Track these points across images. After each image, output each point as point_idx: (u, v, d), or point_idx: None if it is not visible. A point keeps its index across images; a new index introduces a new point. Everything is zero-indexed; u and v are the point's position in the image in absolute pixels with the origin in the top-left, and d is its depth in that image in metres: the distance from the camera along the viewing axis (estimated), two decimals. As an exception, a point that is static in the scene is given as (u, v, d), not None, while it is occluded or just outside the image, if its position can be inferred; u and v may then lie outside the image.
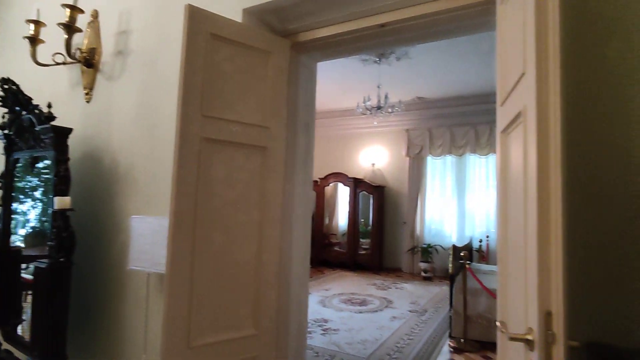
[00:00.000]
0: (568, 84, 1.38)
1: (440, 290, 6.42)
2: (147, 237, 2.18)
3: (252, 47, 2.05)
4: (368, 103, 5.91)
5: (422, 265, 7.49)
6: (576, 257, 1.33)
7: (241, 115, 2.01)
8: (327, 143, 9.06)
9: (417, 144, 8.04)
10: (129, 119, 2.54)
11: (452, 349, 3.89)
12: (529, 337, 1.08)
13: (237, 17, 2.11)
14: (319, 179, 8.53)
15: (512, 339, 1.11)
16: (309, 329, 4.27)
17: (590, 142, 1.36)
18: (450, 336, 4.11)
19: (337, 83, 6.82)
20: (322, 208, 8.62)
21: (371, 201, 8.23)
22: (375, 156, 8.60)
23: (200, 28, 1.86)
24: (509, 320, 1.37)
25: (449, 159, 7.90)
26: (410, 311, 5.17)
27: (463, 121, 7.56)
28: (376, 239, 8.14)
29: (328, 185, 8.61)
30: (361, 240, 8.42)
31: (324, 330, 4.30)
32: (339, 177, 8.40)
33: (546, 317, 1.05)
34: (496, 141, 1.64)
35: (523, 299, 1.19)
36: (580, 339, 1.29)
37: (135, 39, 2.58)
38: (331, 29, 2.13)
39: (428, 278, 7.36)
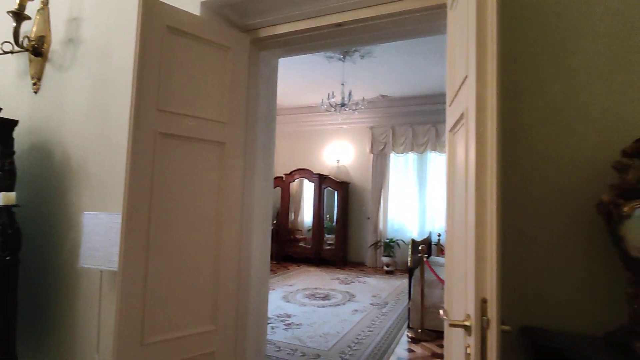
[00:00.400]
0: (507, 89, 1.49)
1: (401, 283, 6.63)
2: (99, 234, 2.11)
3: (211, 41, 2.03)
4: (332, 100, 5.97)
5: (385, 259, 7.68)
6: (511, 249, 1.44)
7: (199, 111, 1.99)
8: (292, 139, 9.06)
9: (381, 141, 8.21)
10: (81, 111, 2.44)
11: (410, 339, 4.04)
12: (467, 323, 1.16)
13: (195, 11, 2.08)
14: (284, 175, 8.53)
15: (452, 325, 1.19)
16: (271, 325, 4.29)
17: (523, 143, 1.47)
18: (409, 327, 4.26)
19: (302, 79, 6.84)
20: (287, 204, 8.62)
21: (336, 197, 8.33)
22: (340, 152, 8.70)
23: (156, 20, 1.82)
24: (453, 309, 1.46)
25: (411, 156, 8.13)
26: (371, 304, 5.31)
27: (424, 119, 7.80)
28: (341, 235, 8.25)
29: (293, 181, 8.61)
30: (326, 235, 8.51)
31: (286, 325, 4.33)
32: (305, 173, 8.43)
33: (482, 303, 1.13)
34: (446, 140, 1.72)
35: (464, 288, 1.27)
36: (514, 324, 1.41)
37: (87, 28, 2.48)
38: (290, 25, 2.15)
39: (390, 272, 7.56)
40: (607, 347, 1.17)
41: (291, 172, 8.53)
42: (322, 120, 8.59)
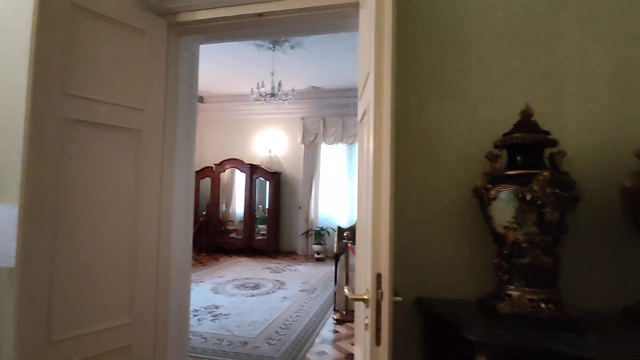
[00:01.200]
0: (402, 91, 1.64)
1: (330, 269, 6.88)
2: (-5, 228, 1.93)
3: (124, 23, 1.94)
4: (262, 89, 5.94)
5: (316, 247, 7.90)
6: (410, 231, 1.61)
7: (114, 97, 1.90)
8: (223, 128, 8.85)
9: (312, 132, 8.36)
10: (-30, 92, 2.17)
11: (335, 321, 4.25)
12: (365, 296, 1.29)
13: (105, -11, 1.96)
14: (215, 165, 8.32)
15: (353, 299, 1.31)
16: (198, 317, 4.24)
17: (423, 143, 1.65)
18: (335, 309, 4.47)
19: (231, 67, 6.70)
20: (217, 195, 8.44)
21: (268, 187, 8.34)
22: (271, 142, 8.69)
23: (57, -4, 1.69)
24: (360, 286, 1.60)
25: (341, 147, 8.39)
26: (300, 291, 5.46)
27: (354, 111, 8.08)
28: (273, 224, 8.30)
29: (224, 171, 8.44)
30: (258, 225, 8.50)
31: (214, 316, 4.31)
32: (235, 163, 8.30)
33: (377, 278, 1.26)
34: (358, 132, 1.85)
35: (365, 266, 1.40)
36: (411, 296, 1.58)
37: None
38: (210, 12, 2.13)
39: (321, 259, 7.80)
40: (478, 310, 1.38)
41: (221, 162, 8.34)
42: (253, 109, 8.49)
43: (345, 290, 1.46)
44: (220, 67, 6.66)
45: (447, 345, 1.36)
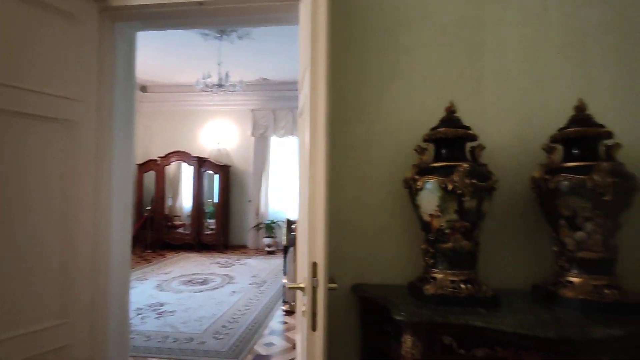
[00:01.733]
0: (340, 87, 1.70)
1: (281, 262, 6.91)
2: None
3: (49, 5, 1.81)
4: (209, 80, 5.78)
5: (266, 240, 7.88)
6: (348, 222, 1.68)
7: (40, 85, 1.77)
8: (168, 119, 8.49)
9: (262, 125, 8.28)
10: None
11: (284, 312, 4.29)
12: (302, 285, 1.33)
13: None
14: (159, 157, 7.98)
15: (290, 288, 1.36)
16: (142, 315, 4.09)
17: (362, 135, 1.72)
18: (284, 301, 4.51)
19: (176, 56, 6.43)
20: (163, 189, 8.11)
21: (216, 180, 8.16)
22: (220, 135, 8.49)
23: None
24: (300, 276, 1.65)
25: (292, 140, 8.40)
26: (250, 284, 5.44)
27: (304, 105, 8.11)
28: (222, 218, 8.15)
29: (169, 164, 8.12)
30: (207, 220, 8.30)
31: (158, 314, 4.17)
32: (182, 155, 8.02)
33: (313, 267, 1.31)
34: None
35: (304, 256, 1.45)
36: (349, 283, 1.65)
37: None
38: (147, -1, 2.04)
39: (272, 252, 7.80)
40: (408, 293, 1.48)
41: (167, 155, 8.02)
42: (200, 100, 8.23)
43: (284, 280, 1.50)
44: (165, 56, 6.38)
45: (380, 327, 1.45)
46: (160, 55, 6.30)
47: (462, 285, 1.34)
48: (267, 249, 7.85)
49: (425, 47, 1.71)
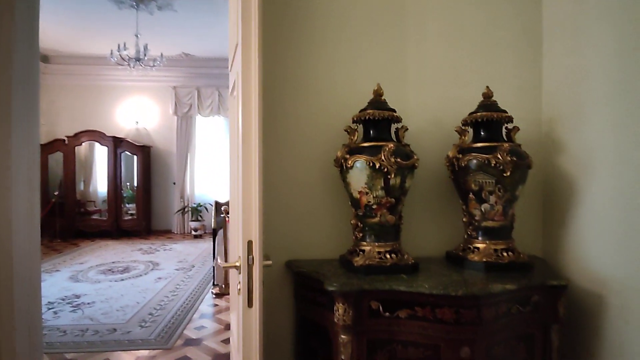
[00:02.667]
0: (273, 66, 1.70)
1: (209, 245, 6.72)
2: None
3: None
4: (124, 52, 5.29)
5: (193, 224, 7.62)
6: (283, 201, 1.71)
7: None
8: (78, 95, 7.64)
9: (186, 103, 7.85)
10: None
11: (214, 295, 4.24)
12: (237, 263, 1.34)
13: None
14: (67, 137, 7.19)
15: (225, 267, 1.36)
16: (54, 309, 3.75)
17: (295, 116, 1.74)
18: (214, 284, 4.45)
19: (86, 24, 5.77)
20: (73, 172, 7.35)
21: (136, 162, 7.60)
22: (139, 113, 7.87)
23: None
24: (233, 255, 1.65)
25: (218, 119, 8.11)
26: (177, 269, 5.25)
27: (231, 84, 7.85)
28: (143, 203, 7.66)
29: (80, 144, 7.36)
30: (126, 205, 7.74)
31: (74, 306, 3.86)
32: (95, 135, 7.31)
33: (248, 245, 1.32)
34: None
35: (237, 236, 1.45)
36: (282, 259, 1.70)
37: None
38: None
39: (199, 236, 7.57)
40: (339, 265, 1.58)
41: (77, 134, 7.26)
42: (115, 74, 7.50)
43: (218, 260, 1.49)
44: (71, 23, 5.68)
45: (313, 299, 1.52)
46: (65, 21, 5.60)
47: (388, 256, 1.47)
48: (195, 233, 7.61)
49: (357, 32, 1.77)
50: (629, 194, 1.36)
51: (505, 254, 1.50)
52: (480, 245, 1.54)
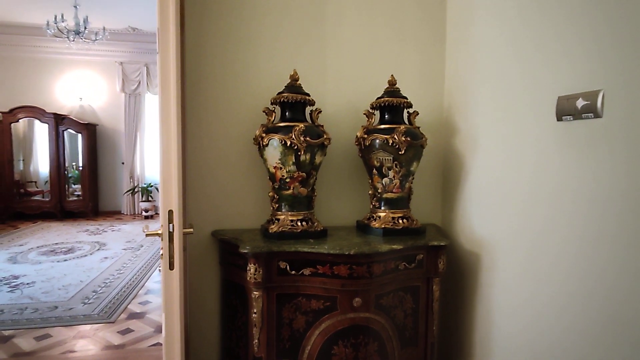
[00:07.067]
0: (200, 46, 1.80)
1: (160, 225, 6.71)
2: None
3: None
4: (62, 24, 5.05)
5: (143, 205, 7.51)
6: (208, 174, 1.84)
7: None
8: (11, 67, 7.17)
9: (134, 80, 7.60)
10: None
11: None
12: (159, 232, 1.47)
13: None
14: (2, 113, 6.78)
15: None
16: (-9, 289, 3.68)
17: (211, 91, 1.86)
18: (161, 262, 4.51)
19: (16, -10, 5.40)
20: (10, 150, 6.97)
21: (80, 140, 7.32)
22: (83, 89, 7.53)
23: None
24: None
25: (169, 99, 7.91)
26: (124, 249, 5.24)
27: (181, 61, 7.65)
28: (89, 183, 7.43)
29: (17, 121, 6.97)
30: (72, 185, 7.48)
31: (12, 287, 3.80)
32: (33, 111, 6.94)
33: (169, 214, 1.46)
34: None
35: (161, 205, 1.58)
36: (208, 228, 1.85)
37: None
38: None
39: (149, 216, 7.49)
40: (259, 233, 1.75)
41: (12, 110, 6.86)
42: (53, 47, 7.11)
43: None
44: (-1, -11, 5.31)
45: (233, 262, 1.70)
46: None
47: (299, 224, 1.66)
48: (145, 213, 7.51)
49: (278, 21, 1.90)
50: (501, 170, 1.63)
51: (401, 221, 1.74)
52: (382, 214, 1.77)
